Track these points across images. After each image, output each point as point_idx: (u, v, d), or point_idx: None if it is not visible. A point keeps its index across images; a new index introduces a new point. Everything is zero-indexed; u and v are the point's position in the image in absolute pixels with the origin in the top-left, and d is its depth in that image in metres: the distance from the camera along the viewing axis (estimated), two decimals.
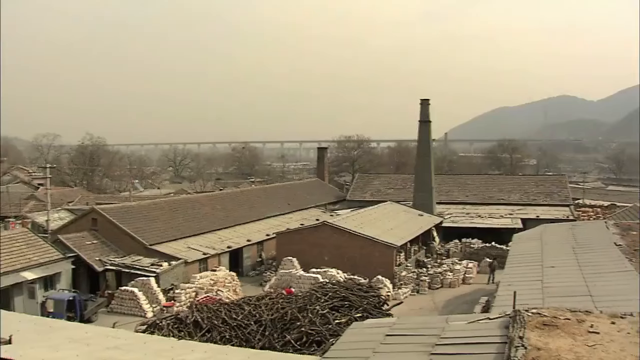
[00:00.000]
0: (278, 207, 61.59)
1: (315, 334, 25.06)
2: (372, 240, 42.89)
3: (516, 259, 28.64)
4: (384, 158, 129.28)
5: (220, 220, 51.90)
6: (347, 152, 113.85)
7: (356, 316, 27.14)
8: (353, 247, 42.88)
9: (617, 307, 17.58)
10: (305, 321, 26.00)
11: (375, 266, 41.27)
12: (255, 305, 28.46)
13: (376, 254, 42.42)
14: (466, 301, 37.83)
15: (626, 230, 33.61)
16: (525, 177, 79.95)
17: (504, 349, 13.98)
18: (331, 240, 43.57)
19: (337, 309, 28.24)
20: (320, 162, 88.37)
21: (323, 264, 41.70)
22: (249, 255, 48.93)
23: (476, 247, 51.45)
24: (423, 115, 61.34)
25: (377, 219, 49.94)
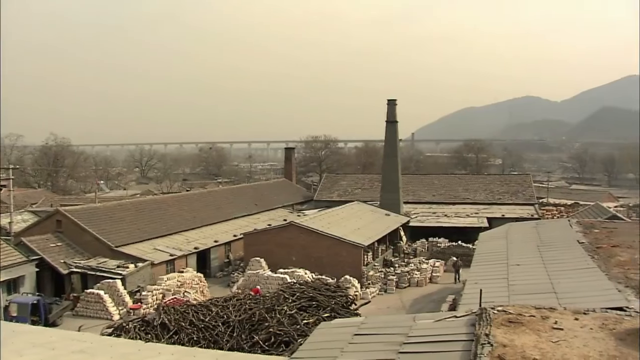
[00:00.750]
0: (245, 207, 61.38)
1: (283, 334, 25.03)
2: (340, 240, 42.99)
3: (482, 258, 28.93)
4: (351, 158, 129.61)
5: (187, 221, 51.53)
6: (315, 152, 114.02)
7: (324, 316, 27.17)
8: (321, 247, 42.93)
9: (581, 303, 17.94)
10: (273, 322, 25.95)
11: (342, 266, 41.38)
12: (223, 306, 28.33)
13: (344, 253, 42.52)
14: (433, 300, 38.12)
15: (589, 228, 34.21)
16: (490, 177, 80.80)
17: (471, 346, 14.14)
18: (299, 241, 43.58)
19: (305, 309, 28.26)
20: (288, 162, 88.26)
21: (291, 264, 41.69)
22: (216, 256, 48.67)
23: (443, 246, 51.91)
24: (390, 116, 61.66)
25: (344, 218, 50.07)
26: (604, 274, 22.41)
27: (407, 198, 65.42)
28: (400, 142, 70.56)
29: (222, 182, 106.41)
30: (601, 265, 23.94)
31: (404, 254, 51.63)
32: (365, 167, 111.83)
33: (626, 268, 23.87)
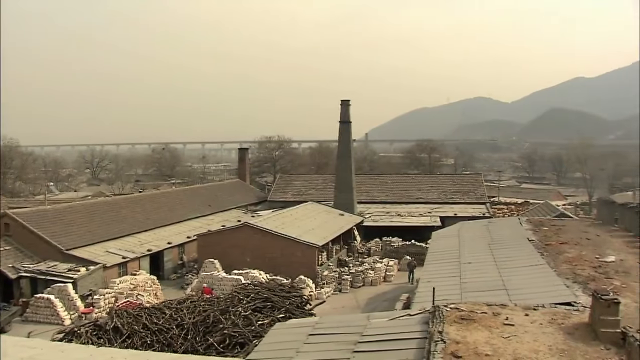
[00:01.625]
0: (199, 208, 60.88)
1: (238, 336, 24.97)
2: (294, 240, 43.01)
3: (435, 256, 29.25)
4: (306, 158, 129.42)
5: (140, 223, 50.85)
6: (269, 152, 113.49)
7: (279, 317, 27.17)
8: (275, 248, 42.88)
9: (531, 299, 18.31)
10: (227, 323, 25.86)
11: (297, 266, 41.40)
12: (176, 308, 28.11)
13: (298, 254, 42.55)
14: (387, 298, 38.40)
15: (538, 226, 34.93)
16: (443, 176, 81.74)
17: (424, 343, 14.32)
18: (253, 241, 43.43)
19: (259, 310, 28.22)
20: (242, 162, 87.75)
21: (245, 265, 41.51)
22: (169, 258, 48.14)
23: (396, 245, 52.31)
24: (343, 116, 61.88)
25: (298, 219, 50.10)
26: (553, 270, 22.91)
27: (361, 198, 65.77)
28: (354, 143, 70.72)
29: (176, 183, 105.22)
30: (550, 262, 24.48)
31: (358, 254, 51.89)
32: (319, 167, 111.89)
33: (574, 264, 24.46)
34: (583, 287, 20.55)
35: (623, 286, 21.01)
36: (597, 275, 22.64)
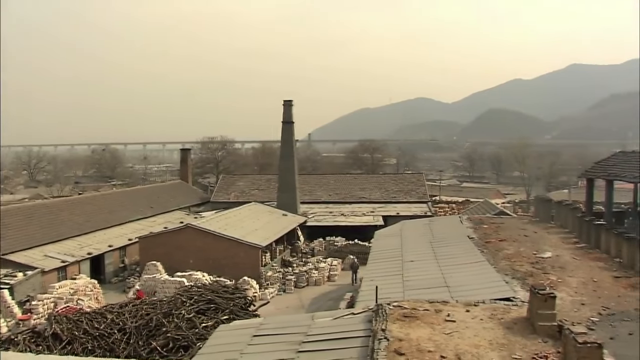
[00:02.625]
0: (141, 210, 59.92)
1: (181, 339, 24.72)
2: (237, 241, 42.79)
3: (378, 255, 29.54)
4: (249, 159, 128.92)
5: (80, 226, 49.69)
6: (211, 153, 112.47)
7: (223, 319, 27.00)
8: (218, 249, 42.56)
9: (471, 296, 18.69)
10: (171, 326, 25.56)
11: (241, 267, 41.17)
12: (118, 312, 27.61)
13: (241, 254, 42.34)
14: (332, 298, 38.59)
15: (478, 224, 35.69)
16: (385, 176, 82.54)
17: (368, 342, 14.47)
18: (196, 243, 43.01)
19: (203, 312, 27.97)
20: (184, 163, 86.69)
21: (188, 267, 41.05)
22: (111, 262, 47.23)
23: (340, 244, 52.60)
24: (286, 116, 61.86)
25: (241, 220, 49.86)
26: (493, 267, 23.46)
27: (304, 198, 65.86)
28: (297, 143, 70.76)
29: (116, 184, 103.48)
30: (490, 259, 25.06)
31: (302, 254, 51.96)
32: (262, 167, 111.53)
33: (513, 261, 25.10)
34: (521, 282, 21.13)
35: (559, 281, 21.69)
36: (534, 270, 23.30)
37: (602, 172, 43.47)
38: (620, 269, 23.84)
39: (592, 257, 26.30)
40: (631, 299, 19.57)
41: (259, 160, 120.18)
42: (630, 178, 39.98)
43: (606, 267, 24.28)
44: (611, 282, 21.82)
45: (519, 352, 13.35)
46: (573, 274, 22.97)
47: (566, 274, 22.83)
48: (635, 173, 39.08)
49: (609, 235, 27.02)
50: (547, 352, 13.24)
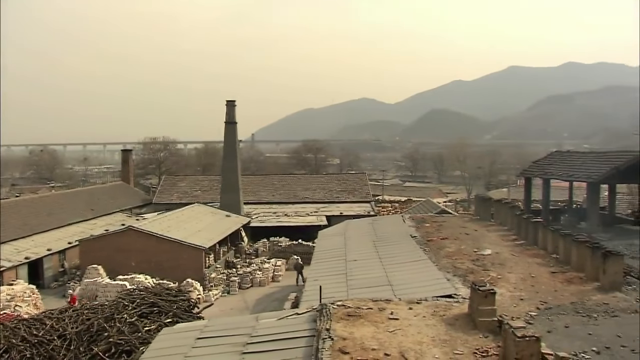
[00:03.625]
0: (81, 213, 58.60)
1: (124, 343, 24.28)
2: (180, 243, 42.33)
3: (321, 255, 29.63)
4: (191, 159, 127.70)
5: (17, 230, 48.21)
6: (153, 154, 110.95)
7: (166, 322, 26.63)
8: (161, 251, 42.03)
9: (414, 294, 18.95)
10: (113, 331, 25.07)
11: (184, 269, 40.75)
12: (58, 318, 26.91)
13: (185, 256, 41.91)
14: (276, 298, 38.57)
15: (420, 223, 36.18)
16: (329, 176, 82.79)
17: (313, 341, 14.52)
18: (138, 245, 42.35)
19: (146, 315, 27.52)
20: (125, 164, 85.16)
21: (130, 270, 40.41)
22: (50, 266, 46.03)
23: (284, 245, 52.58)
24: (229, 117, 61.46)
25: (184, 221, 49.34)
26: (435, 264, 23.82)
27: (247, 199, 65.58)
28: (240, 143, 70.44)
29: (55, 186, 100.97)
30: (432, 257, 25.44)
31: (246, 255, 51.74)
32: (205, 168, 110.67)
33: (454, 258, 25.54)
34: (462, 279, 21.54)
35: (499, 277, 22.18)
36: (475, 268, 23.77)
37: (539, 171, 44.75)
38: (556, 264, 24.53)
39: (530, 253, 26.99)
40: (567, 293, 20.17)
41: (202, 161, 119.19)
42: (566, 177, 41.25)
43: (543, 263, 24.95)
44: (548, 277, 22.44)
45: (461, 347, 13.61)
46: (512, 270, 23.53)
47: (505, 271, 23.37)
48: (570, 172, 40.32)
49: (546, 232, 27.76)
50: (488, 346, 13.54)
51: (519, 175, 69.47)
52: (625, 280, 21.32)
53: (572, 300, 19.40)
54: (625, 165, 35.80)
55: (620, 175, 36.51)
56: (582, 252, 23.02)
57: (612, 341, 15.68)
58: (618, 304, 19.02)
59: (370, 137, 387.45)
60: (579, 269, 22.96)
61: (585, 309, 18.50)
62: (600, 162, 38.86)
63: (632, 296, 19.88)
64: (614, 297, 19.63)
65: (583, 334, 16.27)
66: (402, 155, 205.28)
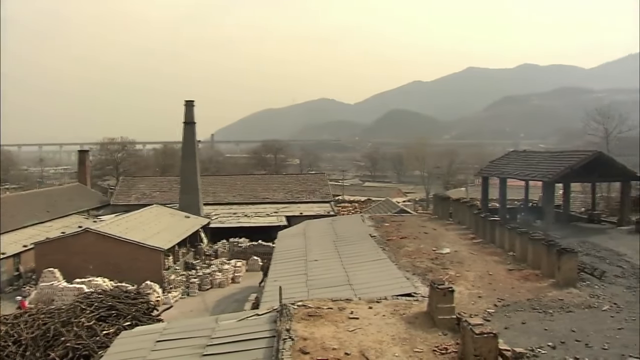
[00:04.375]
0: (36, 215, 57.45)
1: (82, 348, 23.92)
2: (139, 244, 41.85)
3: (281, 255, 29.56)
4: (150, 160, 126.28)
5: None
6: (111, 154, 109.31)
7: (125, 325, 26.32)
8: (119, 254, 41.48)
9: (374, 293, 19.06)
10: (70, 336, 24.67)
11: (143, 271, 40.31)
12: (13, 324, 26.36)
13: (143, 258, 41.45)
14: (237, 300, 38.42)
15: (380, 223, 36.39)
16: (289, 176, 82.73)
17: (273, 342, 14.51)
18: (95, 248, 41.73)
19: (104, 319, 27.15)
20: (82, 165, 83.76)
21: (88, 273, 39.79)
22: (4, 270, 45.03)
23: (244, 246, 52.37)
24: (188, 117, 60.98)
25: (143, 223, 48.78)
26: (394, 264, 23.99)
27: (207, 199, 65.19)
28: (200, 144, 69.96)
29: (10, 188, 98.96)
30: (391, 256, 25.62)
31: (206, 256, 51.41)
32: (164, 169, 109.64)
33: (413, 257, 25.77)
34: (422, 278, 21.76)
35: (457, 275, 22.46)
36: (434, 266, 24.03)
37: (496, 171, 45.37)
38: (513, 262, 24.96)
39: (488, 251, 27.40)
40: (524, 290, 20.55)
41: (161, 162, 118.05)
42: (522, 176, 41.92)
43: (501, 260, 25.35)
44: (505, 274, 22.81)
45: (421, 345, 13.74)
46: (470, 268, 23.84)
47: (464, 269, 23.67)
48: (526, 171, 41.00)
49: (503, 230, 28.21)
50: (447, 344, 13.70)
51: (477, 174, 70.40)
52: (580, 277, 21.79)
53: (528, 297, 19.78)
54: (578, 165, 36.49)
55: (574, 175, 37.22)
56: (538, 249, 23.47)
57: (567, 336, 16.06)
58: (572, 299, 19.46)
59: (330, 137, 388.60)
60: (535, 267, 23.41)
61: (541, 305, 18.89)
62: (555, 161, 39.54)
63: (586, 292, 20.36)
64: (569, 293, 20.08)
65: (539, 330, 16.61)
66: (362, 155, 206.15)
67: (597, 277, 22.21)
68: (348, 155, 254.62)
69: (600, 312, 18.28)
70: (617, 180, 41.43)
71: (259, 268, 47.07)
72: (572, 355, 14.74)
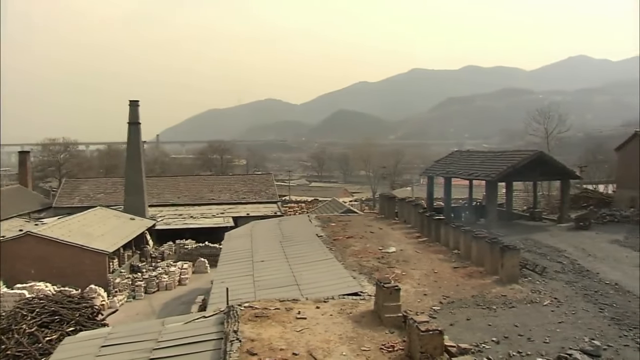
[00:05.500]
0: None
1: (23, 355, 23.37)
2: (82, 248, 41.01)
3: (228, 257, 29.41)
4: (94, 161, 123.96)
5: None
6: (53, 155, 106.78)
7: (68, 331, 25.79)
8: (62, 257, 40.57)
9: (321, 293, 19.16)
10: (11, 343, 24.05)
11: (87, 275, 39.52)
12: None
13: (87, 262, 40.64)
14: (183, 302, 38.02)
15: (326, 223, 36.55)
16: (235, 177, 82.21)
17: (221, 344, 14.45)
18: (37, 252, 40.71)
19: (47, 325, 26.55)
20: (23, 167, 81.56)
21: (30, 278, 38.80)
22: None
23: (190, 247, 51.89)
24: (132, 117, 60.03)
25: (86, 225, 47.82)
26: (341, 263, 24.16)
27: (152, 201, 64.32)
28: (145, 144, 69.09)
29: None
30: (338, 256, 25.79)
31: (152, 258, 50.74)
32: (108, 170, 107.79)
33: (360, 256, 25.98)
34: (368, 277, 21.96)
35: (403, 274, 22.74)
36: (380, 265, 24.27)
37: (441, 170, 46.07)
38: (458, 260, 25.41)
39: (433, 250, 27.82)
40: (468, 287, 20.95)
41: (105, 163, 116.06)
42: (466, 175, 42.68)
43: (446, 258, 25.77)
44: (450, 272, 23.21)
45: (368, 344, 13.88)
46: (416, 266, 24.17)
47: (410, 267, 23.98)
48: (470, 171, 41.77)
49: (448, 229, 28.69)
50: (394, 341, 13.87)
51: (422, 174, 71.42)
52: (522, 273, 22.34)
53: (473, 293, 20.18)
54: (520, 164, 37.39)
55: (516, 174, 38.11)
56: (482, 247, 23.95)
57: (510, 331, 16.47)
58: (515, 295, 19.94)
59: (276, 137, 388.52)
60: (479, 264, 23.88)
61: (485, 301, 19.30)
62: (498, 161, 40.40)
63: (527, 288, 20.87)
64: (512, 289, 20.57)
65: (483, 325, 16.98)
66: (309, 155, 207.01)
67: (538, 273, 22.79)
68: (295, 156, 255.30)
69: (541, 307, 18.78)
70: (557, 179, 42.71)
71: (205, 270, 46.83)
72: (515, 349, 15.12)
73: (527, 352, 14.92)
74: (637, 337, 16.18)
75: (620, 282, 21.99)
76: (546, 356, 14.71)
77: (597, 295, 20.29)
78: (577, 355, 14.47)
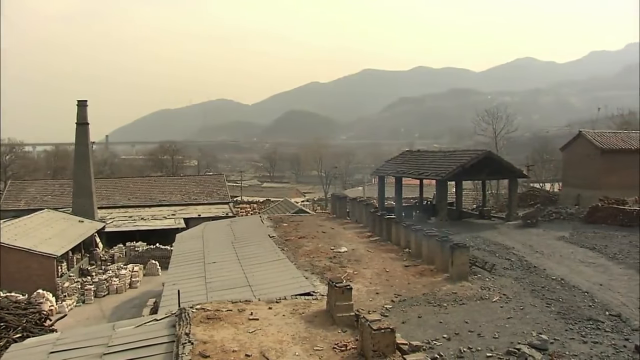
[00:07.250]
0: None
1: None
2: (29, 251, 40.04)
3: (180, 258, 29.15)
4: (41, 163, 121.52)
5: None
6: None
7: (15, 337, 25.19)
8: (8, 262, 39.50)
9: (274, 293, 19.15)
10: None
11: (35, 279, 38.61)
12: None
13: (34, 266, 39.70)
14: (135, 305, 37.54)
15: (278, 223, 36.58)
16: (186, 178, 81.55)
17: (173, 347, 14.33)
18: None
19: None
20: None
21: None
22: None
23: (141, 249, 51.22)
24: (80, 117, 58.92)
25: (33, 228, 46.74)
26: (293, 263, 24.21)
27: (101, 203, 63.31)
28: (93, 145, 67.84)
29: None
30: (290, 256, 25.83)
31: (102, 261, 49.92)
32: (56, 171, 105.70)
33: (312, 256, 26.06)
34: (320, 277, 22.06)
35: (355, 273, 22.90)
36: (332, 265, 24.38)
37: (392, 170, 46.55)
38: (409, 258, 25.70)
39: (385, 249, 28.08)
40: (420, 285, 21.22)
41: (53, 165, 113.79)
42: (416, 174, 43.22)
43: (397, 257, 26.03)
44: (402, 271, 23.46)
45: (321, 343, 13.93)
46: (368, 265, 24.35)
47: (362, 267, 24.15)
48: (420, 170, 42.30)
49: (399, 228, 28.99)
50: (347, 341, 13.95)
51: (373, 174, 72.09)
52: (472, 270, 22.74)
53: (424, 291, 20.46)
54: (469, 164, 38.07)
55: (465, 173, 38.80)
56: (432, 245, 24.29)
57: (460, 327, 16.76)
58: (465, 292, 20.29)
59: (228, 138, 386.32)
60: (429, 262, 24.21)
61: (436, 299, 19.59)
62: (448, 160, 41.05)
63: (477, 285, 21.26)
64: (462, 287, 20.92)
65: (434, 322, 17.24)
66: (260, 156, 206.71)
67: (487, 270, 23.22)
68: (246, 156, 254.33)
69: (491, 304, 19.15)
70: (505, 177, 43.68)
71: (157, 272, 46.32)
72: (466, 345, 15.39)
73: (477, 348, 15.19)
74: (582, 330, 16.65)
75: (566, 278, 22.58)
76: (496, 351, 15.01)
77: (544, 290, 20.78)
78: (525, 350, 14.80)
